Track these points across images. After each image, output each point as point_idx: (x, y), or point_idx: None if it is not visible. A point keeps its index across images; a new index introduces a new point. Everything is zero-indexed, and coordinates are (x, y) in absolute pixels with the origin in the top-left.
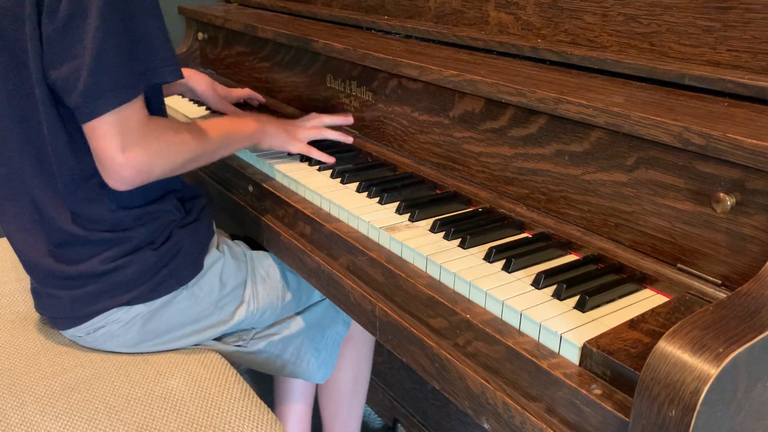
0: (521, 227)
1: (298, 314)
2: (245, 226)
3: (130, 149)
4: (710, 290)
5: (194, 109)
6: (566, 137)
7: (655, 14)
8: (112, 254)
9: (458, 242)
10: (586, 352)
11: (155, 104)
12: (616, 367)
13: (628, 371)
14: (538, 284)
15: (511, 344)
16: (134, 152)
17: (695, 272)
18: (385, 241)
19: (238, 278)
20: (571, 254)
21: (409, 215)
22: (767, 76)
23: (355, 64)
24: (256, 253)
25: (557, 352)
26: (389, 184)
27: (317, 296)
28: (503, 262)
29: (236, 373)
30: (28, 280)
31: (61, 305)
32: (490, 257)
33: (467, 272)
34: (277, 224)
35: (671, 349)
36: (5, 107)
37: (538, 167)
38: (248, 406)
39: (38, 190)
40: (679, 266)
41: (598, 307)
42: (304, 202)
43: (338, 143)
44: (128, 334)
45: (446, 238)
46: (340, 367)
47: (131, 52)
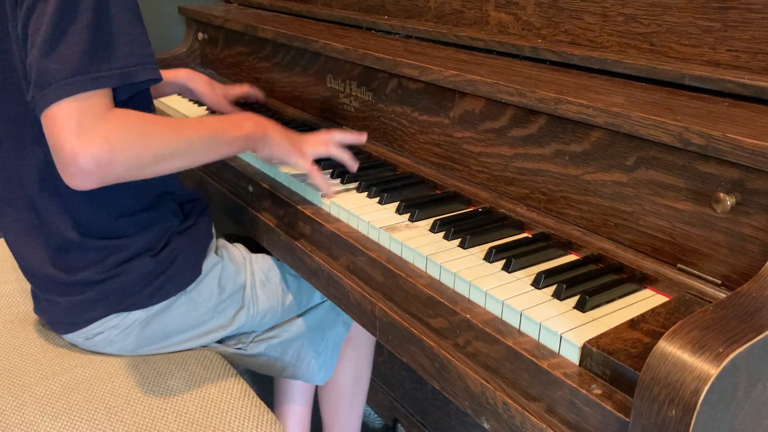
0: (521, 227)
1: (298, 317)
2: (245, 226)
3: (85, 135)
4: (710, 290)
5: (194, 108)
6: (566, 137)
7: (655, 14)
8: (110, 262)
9: (458, 242)
10: (586, 352)
11: (139, 108)
12: (616, 367)
13: (628, 371)
14: (538, 284)
15: (511, 344)
16: (90, 139)
17: (695, 272)
18: (385, 241)
19: (237, 282)
20: (571, 254)
21: (409, 215)
22: (767, 76)
23: (355, 64)
24: (255, 256)
25: (557, 352)
26: (389, 184)
27: (317, 298)
28: (503, 262)
29: (236, 373)
30: None
31: (58, 311)
32: (490, 257)
33: (467, 272)
34: (276, 224)
35: (671, 349)
36: (3, 111)
37: (538, 167)
38: (248, 406)
39: (37, 194)
40: (679, 266)
41: (598, 307)
42: (304, 202)
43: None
44: (126, 340)
45: (446, 238)
46: (340, 368)
47: (92, 42)
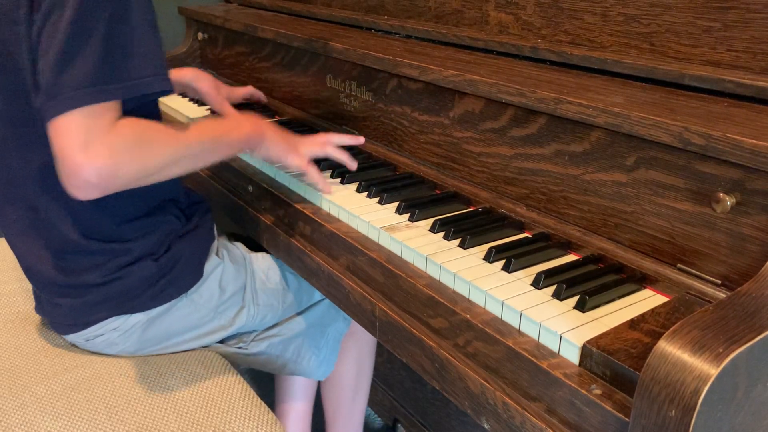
0: (521, 227)
1: (298, 314)
2: (245, 226)
3: (91, 148)
4: (710, 290)
5: (194, 108)
6: (566, 137)
7: (655, 14)
8: (112, 266)
9: (458, 242)
10: (586, 352)
11: (145, 111)
12: (616, 367)
13: (628, 371)
14: (538, 284)
15: (511, 344)
16: (96, 152)
17: (695, 272)
18: (385, 241)
19: (237, 283)
20: (571, 254)
21: (409, 215)
22: (767, 76)
23: (355, 64)
24: (255, 255)
25: (557, 352)
26: (389, 184)
27: (318, 296)
28: (503, 262)
29: (236, 373)
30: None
31: (60, 312)
32: (490, 257)
33: (467, 272)
34: (276, 224)
35: (671, 349)
36: (4, 112)
37: (538, 167)
38: (248, 406)
39: (40, 196)
40: (679, 266)
41: (598, 307)
42: (303, 202)
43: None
44: (127, 342)
45: (446, 238)
46: (343, 363)
47: (105, 54)
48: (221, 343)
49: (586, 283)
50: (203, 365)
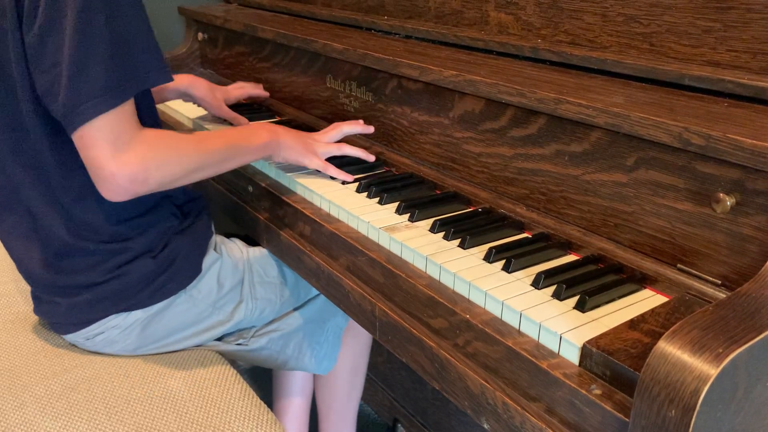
0: (521, 227)
1: (297, 309)
2: (245, 226)
3: (121, 157)
4: (710, 290)
5: (193, 108)
6: (566, 137)
7: (655, 14)
8: (110, 265)
9: (458, 242)
10: (585, 352)
11: (145, 110)
12: (616, 367)
13: (628, 371)
14: (537, 284)
15: (510, 344)
16: (127, 161)
17: (695, 272)
18: (384, 241)
19: (235, 278)
20: (571, 254)
21: (408, 215)
22: (767, 76)
23: (355, 64)
24: (252, 250)
25: (557, 352)
26: (389, 184)
27: (315, 290)
28: (503, 262)
29: (236, 373)
30: None
31: (59, 311)
32: (489, 257)
33: (467, 272)
34: (276, 224)
35: (671, 349)
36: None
37: (537, 167)
38: (248, 406)
39: (35, 200)
40: (679, 266)
41: (598, 307)
42: (303, 202)
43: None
44: (127, 339)
45: (446, 238)
46: (339, 357)
47: (113, 55)
48: (221, 340)
49: (586, 283)
50: (203, 365)
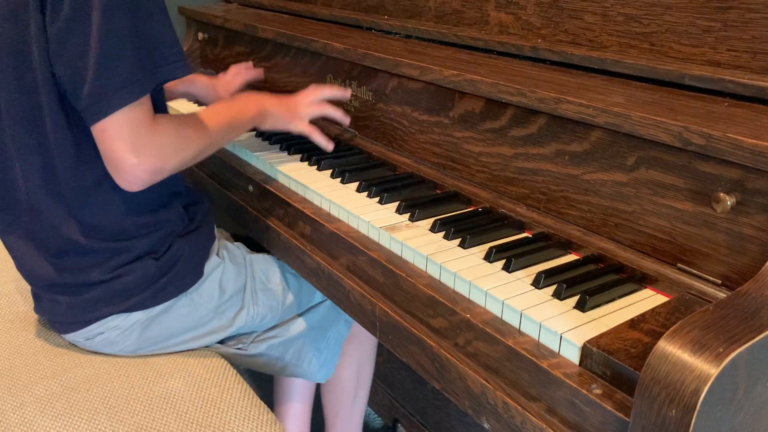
0: (521, 227)
1: (299, 316)
2: (245, 226)
3: (142, 150)
4: (710, 290)
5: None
6: (566, 137)
7: (655, 14)
8: (113, 264)
9: (458, 242)
10: (586, 351)
11: (158, 103)
12: (616, 366)
13: (628, 371)
14: (538, 284)
15: (511, 344)
16: (146, 153)
17: (695, 272)
18: (385, 240)
19: (237, 284)
20: (571, 254)
21: (409, 215)
22: (767, 76)
23: (355, 64)
24: (255, 256)
25: (557, 351)
26: (389, 184)
27: (318, 298)
28: (503, 261)
29: (236, 373)
30: None
31: (60, 310)
32: (490, 257)
33: (467, 272)
34: (277, 224)
35: (671, 348)
36: (9, 113)
37: (538, 167)
38: (248, 406)
39: (41, 198)
40: (679, 266)
41: (598, 306)
42: (304, 201)
43: (339, 142)
44: (127, 341)
45: (446, 237)
46: (343, 365)
47: (137, 49)
48: (220, 343)
49: (586, 282)
50: (203, 365)
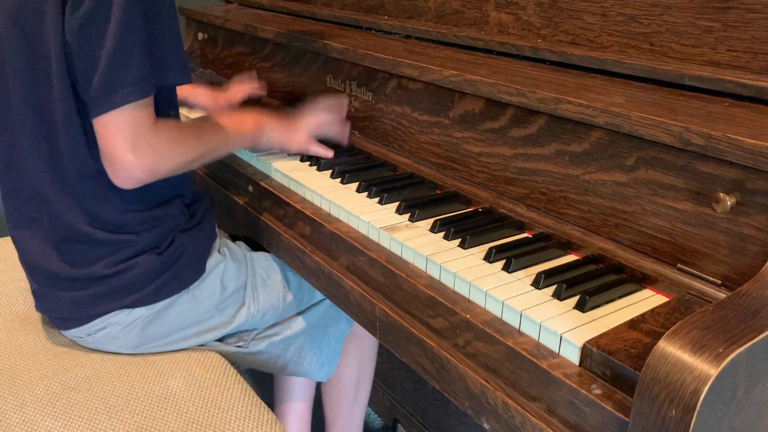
0: (521, 227)
1: (299, 314)
2: (245, 226)
3: (140, 149)
4: (710, 290)
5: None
6: (566, 137)
7: (655, 14)
8: (116, 258)
9: (458, 242)
10: (586, 352)
11: (167, 105)
12: (616, 367)
13: (628, 371)
14: (538, 284)
15: (511, 344)
16: (144, 153)
17: (695, 272)
18: (385, 241)
19: (238, 281)
20: (571, 254)
21: (409, 215)
22: (767, 76)
23: (355, 64)
24: (256, 254)
25: (557, 352)
26: (389, 184)
27: (319, 296)
28: (503, 262)
29: (236, 373)
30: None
31: (61, 306)
32: (490, 257)
33: (467, 272)
34: (277, 224)
35: (671, 349)
36: (20, 99)
37: (538, 167)
38: (248, 406)
39: (46, 184)
40: (679, 266)
41: (598, 307)
42: (304, 202)
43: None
44: (129, 336)
45: (446, 238)
46: (344, 364)
47: (148, 50)
48: (221, 341)
49: (586, 283)
50: (203, 365)
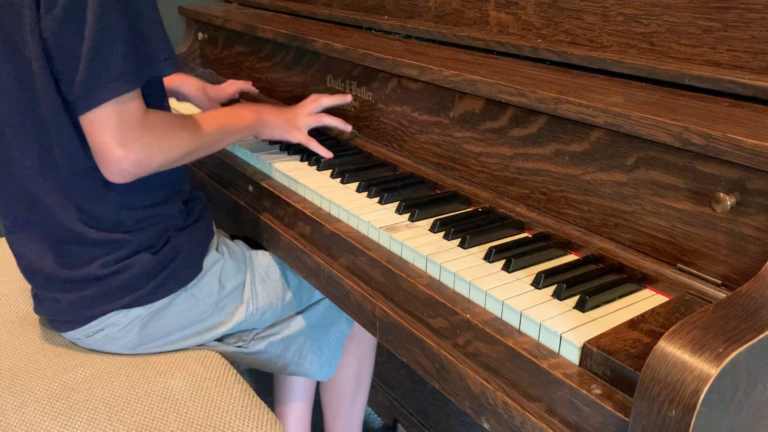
0: (521, 227)
1: (299, 314)
2: (245, 226)
3: (128, 143)
4: (710, 290)
5: (189, 108)
6: (566, 137)
7: (655, 14)
8: (111, 259)
9: (458, 242)
10: (586, 352)
11: (156, 98)
12: (616, 367)
13: (628, 371)
14: (538, 284)
15: (511, 344)
16: (133, 147)
17: (695, 272)
18: (385, 241)
19: (237, 279)
20: (571, 254)
21: (409, 215)
22: (767, 76)
23: (355, 64)
24: (255, 252)
25: (557, 352)
26: (389, 184)
27: (319, 295)
28: (503, 262)
29: (236, 373)
30: None
31: (59, 308)
32: (490, 257)
33: (467, 272)
34: (276, 224)
35: (671, 349)
36: (6, 100)
37: (538, 167)
38: (248, 406)
39: (41, 185)
40: (679, 266)
41: (598, 307)
42: (304, 202)
43: (338, 141)
44: (127, 337)
45: (446, 238)
46: (343, 364)
47: (129, 44)
48: (220, 341)
49: (586, 283)
50: (203, 365)
